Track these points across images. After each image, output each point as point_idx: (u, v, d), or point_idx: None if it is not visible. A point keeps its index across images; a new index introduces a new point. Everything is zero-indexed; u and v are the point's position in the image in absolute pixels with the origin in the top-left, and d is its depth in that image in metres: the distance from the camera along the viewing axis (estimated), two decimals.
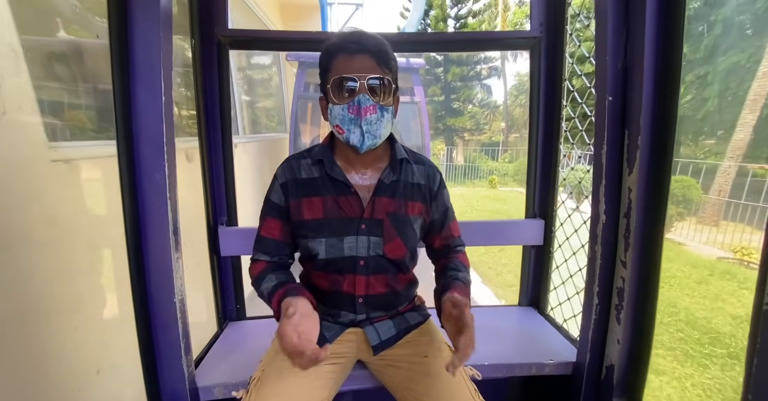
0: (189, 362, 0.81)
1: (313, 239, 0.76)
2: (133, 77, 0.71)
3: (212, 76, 1.08)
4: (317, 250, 0.75)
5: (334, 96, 0.70)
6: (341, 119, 0.70)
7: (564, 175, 1.19)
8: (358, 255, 0.76)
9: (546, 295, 1.23)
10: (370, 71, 0.68)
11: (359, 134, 0.70)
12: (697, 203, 5.78)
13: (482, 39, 1.21)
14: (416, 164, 0.81)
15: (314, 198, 0.76)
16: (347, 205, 0.76)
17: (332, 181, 0.76)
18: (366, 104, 0.68)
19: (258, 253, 0.81)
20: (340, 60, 0.69)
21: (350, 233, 0.75)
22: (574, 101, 1.14)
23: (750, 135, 6.35)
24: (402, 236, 0.77)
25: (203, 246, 1.12)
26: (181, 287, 0.78)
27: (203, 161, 1.09)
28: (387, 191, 0.77)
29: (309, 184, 0.77)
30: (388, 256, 0.77)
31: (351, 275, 0.77)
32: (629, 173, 0.74)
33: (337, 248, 0.75)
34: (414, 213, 0.79)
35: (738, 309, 3.04)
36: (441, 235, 0.85)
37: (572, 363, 0.96)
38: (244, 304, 1.23)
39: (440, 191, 0.83)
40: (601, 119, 0.87)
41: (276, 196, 0.78)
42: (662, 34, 0.70)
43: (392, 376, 0.80)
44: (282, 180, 0.78)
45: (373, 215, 0.76)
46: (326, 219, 0.75)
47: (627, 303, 0.76)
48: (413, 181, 0.80)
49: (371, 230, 0.76)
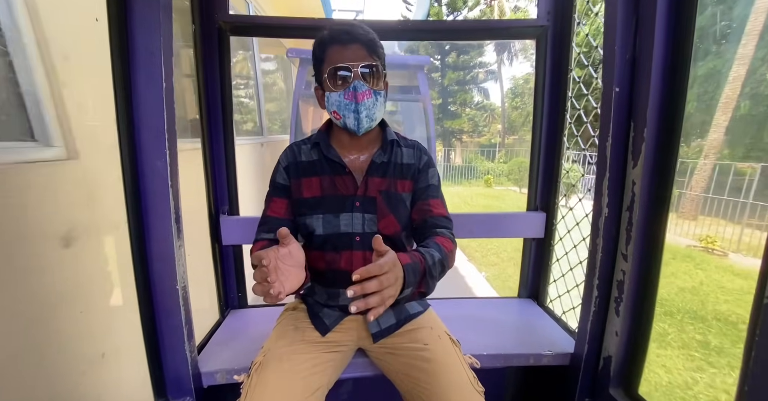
0: (192, 348, 0.83)
1: (310, 215, 0.80)
2: (133, 63, 0.70)
3: (213, 64, 1.07)
4: (314, 226, 0.79)
5: (330, 84, 0.74)
6: (338, 105, 0.75)
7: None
8: (353, 231, 0.79)
9: (545, 287, 1.24)
10: (362, 59, 0.73)
11: (354, 118, 0.75)
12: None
13: (488, 27, 1.19)
14: (407, 147, 0.86)
15: (313, 178, 0.81)
16: (342, 184, 0.80)
17: (329, 162, 0.81)
18: (361, 89, 0.73)
19: (261, 233, 0.83)
20: (334, 50, 0.73)
21: (345, 210, 0.79)
22: (579, 93, 1.12)
23: (723, 135, 6.81)
24: (395, 213, 0.80)
25: (207, 234, 1.13)
26: (183, 274, 0.79)
27: (204, 151, 1.09)
28: (379, 171, 0.81)
29: (308, 166, 0.82)
30: (383, 232, 0.80)
31: (347, 251, 0.80)
32: (634, 166, 0.73)
33: (333, 224, 0.79)
34: (404, 191, 0.82)
35: (686, 283, 3.58)
36: (418, 207, 0.82)
37: (570, 354, 0.97)
38: (245, 292, 1.24)
39: (425, 168, 0.84)
40: (607, 110, 0.85)
41: (281, 177, 0.83)
42: (673, 25, 0.69)
43: (392, 364, 0.81)
44: (285, 164, 0.83)
45: (366, 192, 0.80)
46: (323, 197, 0.80)
47: (627, 295, 0.76)
48: (403, 161, 0.84)
49: (365, 207, 0.80)
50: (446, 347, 0.80)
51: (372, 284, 0.53)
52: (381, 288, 0.53)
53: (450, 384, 0.72)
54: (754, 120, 6.96)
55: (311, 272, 0.84)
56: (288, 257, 0.62)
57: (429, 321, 0.86)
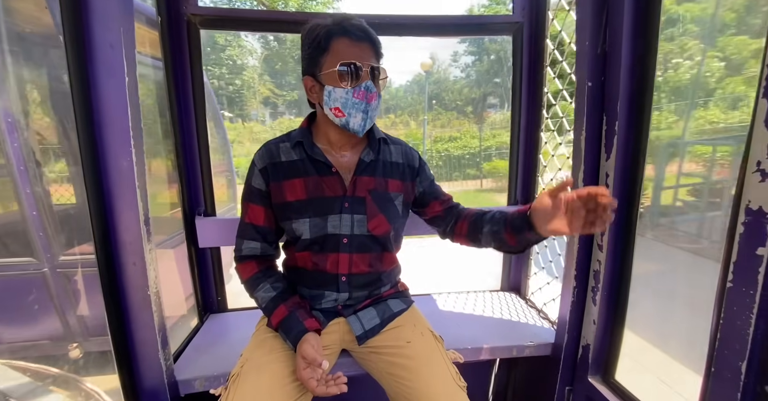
0: (167, 355, 0.79)
1: (297, 219, 0.76)
2: (90, 56, 0.65)
3: (182, 59, 1.02)
4: (301, 231, 0.76)
5: (339, 80, 0.70)
6: (344, 102, 0.71)
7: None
8: (341, 233, 0.77)
9: (527, 280, 1.26)
10: (371, 60, 0.71)
11: (361, 119, 0.72)
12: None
13: (465, 23, 1.19)
14: (393, 144, 0.85)
15: (296, 180, 0.76)
16: (329, 185, 0.77)
17: (313, 162, 0.77)
18: (373, 90, 0.71)
19: (244, 241, 0.81)
20: (344, 43, 0.69)
21: (334, 212, 0.76)
22: (555, 88, 1.14)
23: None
24: (385, 212, 0.79)
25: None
26: (155, 279, 0.75)
27: (177, 149, 1.04)
28: (367, 170, 0.79)
29: (290, 166, 0.77)
30: (373, 233, 0.78)
31: (334, 253, 0.78)
32: (607, 158, 0.75)
33: (320, 227, 0.76)
34: (394, 190, 0.81)
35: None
36: (439, 200, 0.87)
37: (551, 344, 0.99)
38: (225, 296, 1.20)
39: (422, 166, 0.86)
40: (581, 104, 0.87)
41: (257, 181, 0.78)
42: (640, 19, 0.70)
43: (376, 363, 0.80)
44: (261, 165, 0.78)
45: (355, 193, 0.77)
46: (309, 200, 0.76)
47: (603, 285, 0.78)
48: (391, 160, 0.82)
49: (354, 208, 0.77)
50: (429, 343, 0.80)
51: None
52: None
53: (432, 380, 0.72)
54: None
55: (295, 272, 0.83)
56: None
57: (412, 318, 0.86)
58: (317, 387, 0.65)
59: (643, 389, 0.75)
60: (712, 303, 0.55)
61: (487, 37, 11.21)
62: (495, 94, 14.83)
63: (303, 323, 0.72)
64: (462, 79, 16.12)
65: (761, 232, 0.47)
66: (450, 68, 16.56)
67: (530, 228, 0.66)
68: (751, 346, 0.50)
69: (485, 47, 15.06)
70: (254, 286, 0.79)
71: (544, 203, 0.62)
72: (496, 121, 13.50)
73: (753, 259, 0.48)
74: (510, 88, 1.20)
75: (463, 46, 15.65)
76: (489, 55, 15.65)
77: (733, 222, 0.51)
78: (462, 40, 14.85)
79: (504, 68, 13.87)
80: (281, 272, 0.86)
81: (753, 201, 0.48)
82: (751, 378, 0.51)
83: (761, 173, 0.47)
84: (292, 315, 0.73)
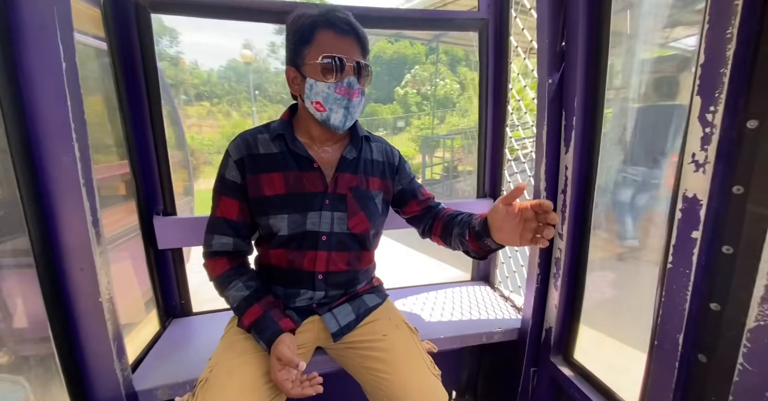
0: (124, 366, 0.74)
1: (274, 215, 0.73)
2: (18, 39, 0.58)
3: (131, 46, 0.94)
4: (279, 227, 0.74)
5: (321, 73, 0.68)
6: (325, 97, 0.69)
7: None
8: (320, 230, 0.75)
9: (495, 270, 1.31)
10: (356, 55, 0.69)
11: (342, 115, 0.71)
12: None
13: (433, 18, 1.19)
14: (374, 142, 0.85)
15: (274, 174, 0.74)
16: (310, 180, 0.75)
17: (294, 156, 0.75)
18: (355, 87, 0.70)
19: (214, 236, 0.77)
20: (328, 36, 0.68)
21: (314, 209, 0.75)
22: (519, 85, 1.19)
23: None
24: (365, 210, 0.78)
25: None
26: (108, 285, 0.69)
27: (129, 144, 0.96)
28: (349, 167, 0.78)
29: (268, 159, 0.74)
30: (353, 231, 0.78)
31: (312, 251, 0.76)
32: (566, 152, 0.79)
33: (299, 223, 0.74)
34: (374, 188, 0.81)
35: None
36: (417, 200, 0.87)
37: (517, 329, 1.05)
38: (189, 300, 1.14)
39: (402, 164, 0.87)
40: (543, 100, 0.91)
41: (231, 173, 0.74)
42: (594, 22, 0.74)
43: (351, 358, 0.80)
44: (237, 156, 0.74)
45: (336, 190, 0.76)
46: (288, 195, 0.74)
47: (563, 271, 0.83)
48: (372, 158, 0.82)
49: (335, 205, 0.76)
50: (404, 335, 0.81)
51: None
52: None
53: (409, 371, 0.73)
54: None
55: (269, 270, 0.81)
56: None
57: (387, 312, 0.87)
58: (292, 388, 0.64)
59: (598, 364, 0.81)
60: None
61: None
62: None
63: (278, 323, 0.70)
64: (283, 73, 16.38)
65: (695, 217, 0.52)
66: (270, 59, 15.82)
67: (488, 235, 0.66)
68: (687, 320, 0.55)
69: None
70: (225, 284, 0.75)
71: (499, 210, 0.62)
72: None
73: (689, 242, 0.53)
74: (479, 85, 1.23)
75: (280, 38, 14.92)
76: None
77: (672, 209, 0.55)
78: (277, 31, 14.06)
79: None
80: (254, 269, 0.83)
81: (689, 189, 0.53)
82: (688, 348, 0.56)
83: (695, 164, 0.52)
84: (266, 315, 0.71)
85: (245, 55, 10.72)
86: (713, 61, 0.49)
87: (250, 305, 0.72)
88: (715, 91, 0.49)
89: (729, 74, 0.47)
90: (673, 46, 0.73)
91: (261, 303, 0.73)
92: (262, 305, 0.73)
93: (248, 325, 0.71)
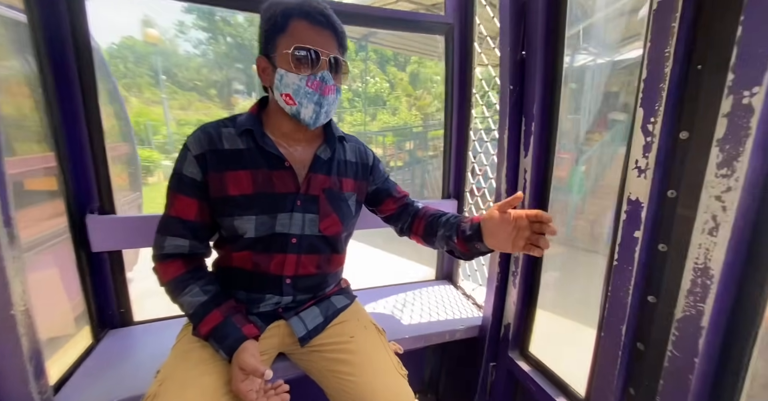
0: (43, 388, 0.64)
1: (240, 216, 0.69)
2: None
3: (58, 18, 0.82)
4: (245, 228, 0.69)
5: (293, 64, 0.65)
6: (296, 89, 0.66)
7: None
8: (290, 233, 0.72)
9: (458, 269, 1.35)
10: (332, 50, 0.67)
11: (313, 111, 0.68)
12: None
13: (402, 18, 1.20)
14: (347, 142, 0.82)
15: (241, 172, 0.69)
16: (281, 180, 0.71)
17: (263, 154, 0.70)
18: (330, 82, 0.67)
19: (167, 238, 0.70)
20: (303, 27, 0.65)
21: (284, 210, 0.71)
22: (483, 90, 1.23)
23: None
24: (338, 212, 0.76)
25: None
26: (22, 295, 0.60)
27: (55, 132, 0.84)
28: (323, 168, 0.75)
29: (234, 156, 0.69)
30: (325, 233, 0.75)
31: (280, 254, 0.72)
32: (525, 155, 0.83)
33: (268, 225, 0.70)
34: (348, 190, 0.78)
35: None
36: (393, 198, 0.87)
37: (478, 326, 1.08)
38: (129, 308, 1.03)
39: (376, 164, 0.86)
40: (504, 106, 0.95)
41: (190, 169, 0.68)
42: (551, 31, 0.78)
43: (316, 362, 0.77)
44: (197, 151, 0.68)
45: (308, 191, 0.73)
46: (257, 195, 0.69)
47: (521, 269, 0.88)
48: (346, 158, 0.80)
49: (307, 206, 0.73)
50: (372, 336, 0.80)
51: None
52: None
53: (376, 372, 0.72)
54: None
55: (230, 273, 0.75)
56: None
57: (355, 313, 0.85)
58: (257, 399, 0.60)
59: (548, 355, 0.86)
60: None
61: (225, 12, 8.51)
62: (240, 80, 13.62)
63: (240, 329, 0.66)
64: (197, 57, 14.09)
65: (637, 218, 0.57)
66: (178, 40, 14.24)
67: (479, 239, 0.68)
68: (629, 312, 0.60)
69: (219, 28, 13.24)
70: (179, 289, 0.69)
71: (494, 216, 0.64)
72: (247, 107, 14.65)
73: (632, 240, 0.58)
74: (445, 88, 1.25)
75: (190, 17, 13.42)
76: (225, 37, 13.88)
77: (618, 211, 0.60)
78: (186, 10, 12.90)
79: (246, 54, 12.60)
80: (212, 272, 0.77)
81: (632, 193, 0.58)
82: (629, 337, 0.62)
83: (638, 170, 0.57)
84: (227, 321, 0.66)
85: (150, 34, 9.45)
86: (654, 76, 0.54)
87: (209, 311, 0.67)
88: (655, 104, 0.54)
89: (667, 89, 0.52)
90: (622, 59, 0.79)
91: (221, 309, 0.68)
92: (222, 310, 0.68)
93: (206, 333, 0.66)
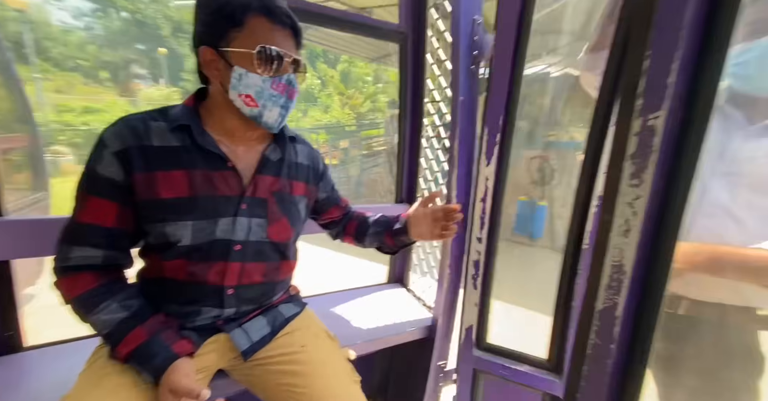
0: None
1: (175, 222, 0.61)
2: None
3: None
4: (179, 235, 0.61)
5: (256, 64, 0.60)
6: (258, 91, 0.61)
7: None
8: (234, 239, 0.66)
9: (408, 272, 1.38)
10: (293, 51, 0.64)
11: (278, 114, 0.65)
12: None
13: (358, 22, 1.16)
14: (299, 144, 0.79)
15: (175, 172, 0.61)
16: (223, 182, 0.65)
17: (203, 153, 0.64)
18: (295, 85, 0.65)
19: (74, 248, 0.59)
20: (263, 24, 0.60)
21: (227, 214, 0.65)
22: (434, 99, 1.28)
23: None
24: (288, 216, 0.73)
25: None
26: None
27: None
28: (272, 169, 0.71)
29: (166, 154, 0.61)
30: (273, 239, 0.70)
31: (221, 262, 0.66)
32: (487, 164, 0.89)
33: (207, 232, 0.64)
34: (299, 193, 0.76)
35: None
36: (339, 206, 0.91)
37: (428, 326, 1.12)
38: (18, 331, 0.78)
39: (325, 170, 0.86)
40: (455, 116, 1.00)
41: (108, 169, 0.58)
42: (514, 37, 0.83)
43: (261, 376, 0.71)
44: (118, 147, 0.58)
45: (255, 193, 0.68)
46: (194, 198, 0.62)
47: (481, 272, 0.93)
48: (297, 161, 0.77)
49: (253, 210, 0.67)
50: (324, 345, 0.77)
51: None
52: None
53: (329, 381, 0.70)
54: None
55: (159, 285, 0.64)
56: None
57: (306, 321, 0.81)
58: None
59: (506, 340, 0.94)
60: None
61: None
62: (141, 63, 11.81)
63: (170, 348, 0.58)
64: (80, 30, 11.90)
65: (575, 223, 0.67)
66: (49, 7, 11.83)
67: (405, 232, 0.82)
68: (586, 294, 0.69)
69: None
70: (91, 306, 0.58)
71: (419, 210, 0.80)
72: (154, 97, 9.51)
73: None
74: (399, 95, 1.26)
75: None
76: (118, 11, 11.35)
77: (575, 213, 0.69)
78: None
79: (151, 35, 10.49)
80: (134, 285, 0.65)
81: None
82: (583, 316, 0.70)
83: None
84: (154, 339, 0.58)
85: None
86: (598, 104, 0.63)
87: (130, 329, 0.58)
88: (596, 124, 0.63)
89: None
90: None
91: (146, 326, 0.60)
92: (147, 327, 0.59)
93: (126, 354, 0.58)
